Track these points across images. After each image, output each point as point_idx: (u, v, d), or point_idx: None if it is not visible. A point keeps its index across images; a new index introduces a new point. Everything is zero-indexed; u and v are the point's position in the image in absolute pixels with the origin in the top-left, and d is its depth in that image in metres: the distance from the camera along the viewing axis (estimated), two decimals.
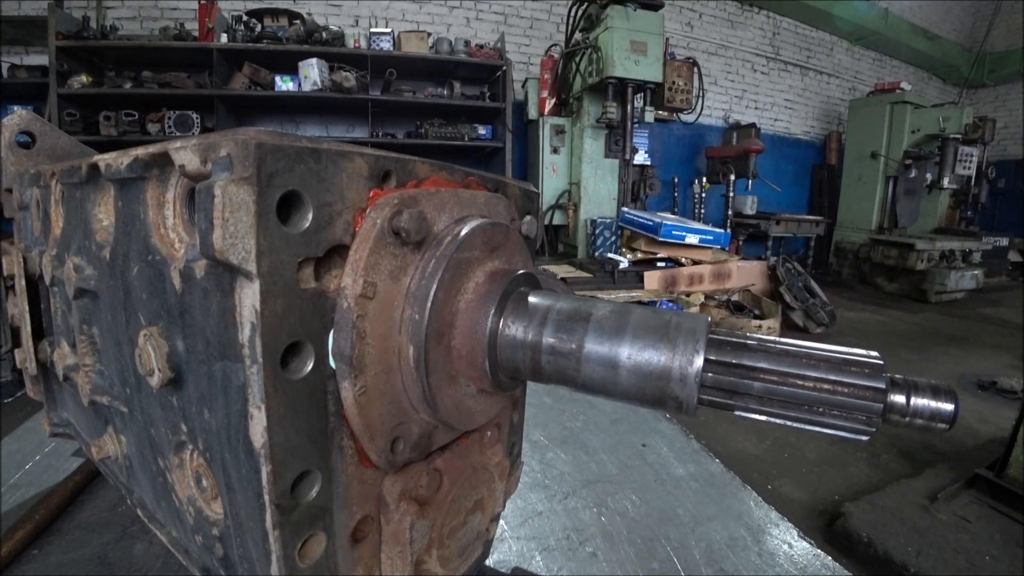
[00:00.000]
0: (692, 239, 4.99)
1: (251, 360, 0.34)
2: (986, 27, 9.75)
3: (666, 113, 6.49)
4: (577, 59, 5.60)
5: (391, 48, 5.50)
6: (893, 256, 6.81)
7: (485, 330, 0.44)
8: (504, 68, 5.75)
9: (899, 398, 0.36)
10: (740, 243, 7.00)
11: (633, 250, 5.19)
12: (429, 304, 0.42)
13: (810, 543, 0.98)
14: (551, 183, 5.99)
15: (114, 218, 0.49)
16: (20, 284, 0.69)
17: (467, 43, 5.87)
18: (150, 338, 0.41)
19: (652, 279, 4.68)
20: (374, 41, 5.47)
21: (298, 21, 5.30)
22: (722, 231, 5.33)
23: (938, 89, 10.31)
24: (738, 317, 4.43)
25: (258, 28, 5.17)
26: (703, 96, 6.26)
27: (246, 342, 0.34)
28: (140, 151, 0.42)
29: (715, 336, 0.40)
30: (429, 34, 5.81)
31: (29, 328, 0.70)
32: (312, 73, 5.08)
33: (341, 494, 0.42)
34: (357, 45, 5.43)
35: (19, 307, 0.71)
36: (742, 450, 2.82)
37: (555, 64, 6.03)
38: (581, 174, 5.80)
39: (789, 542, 0.98)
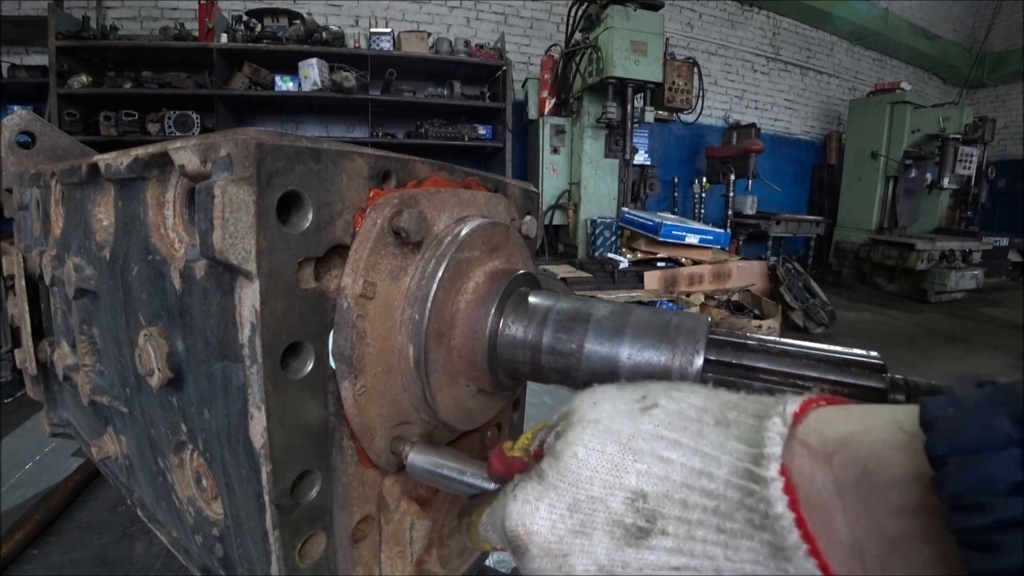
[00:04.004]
0: (692, 239, 4.98)
1: (251, 360, 0.34)
2: (986, 27, 9.74)
3: (666, 113, 6.48)
4: (577, 59, 5.60)
5: (391, 48, 5.50)
6: (893, 256, 6.80)
7: (485, 330, 0.44)
8: (504, 68, 5.75)
9: (899, 399, 0.36)
10: (740, 243, 6.99)
11: (633, 250, 5.19)
12: (429, 304, 0.42)
13: None
14: (551, 183, 5.98)
15: (114, 218, 0.49)
16: (20, 284, 0.69)
17: (467, 43, 5.86)
18: (150, 338, 0.41)
19: (652, 279, 4.68)
20: (374, 41, 5.47)
21: (298, 21, 5.30)
22: (722, 231, 5.33)
23: (938, 89, 10.30)
24: (738, 317, 4.43)
25: (258, 28, 5.16)
26: (703, 96, 6.25)
27: (246, 342, 0.34)
28: (140, 151, 0.42)
29: (715, 336, 0.40)
30: (429, 34, 5.81)
31: (29, 328, 0.70)
32: (312, 73, 5.08)
33: (341, 494, 0.42)
34: (357, 45, 5.43)
35: (19, 307, 0.71)
36: None
37: (555, 64, 6.03)
38: (581, 174, 5.79)
39: None
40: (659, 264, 4.92)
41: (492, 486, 0.40)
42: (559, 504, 0.28)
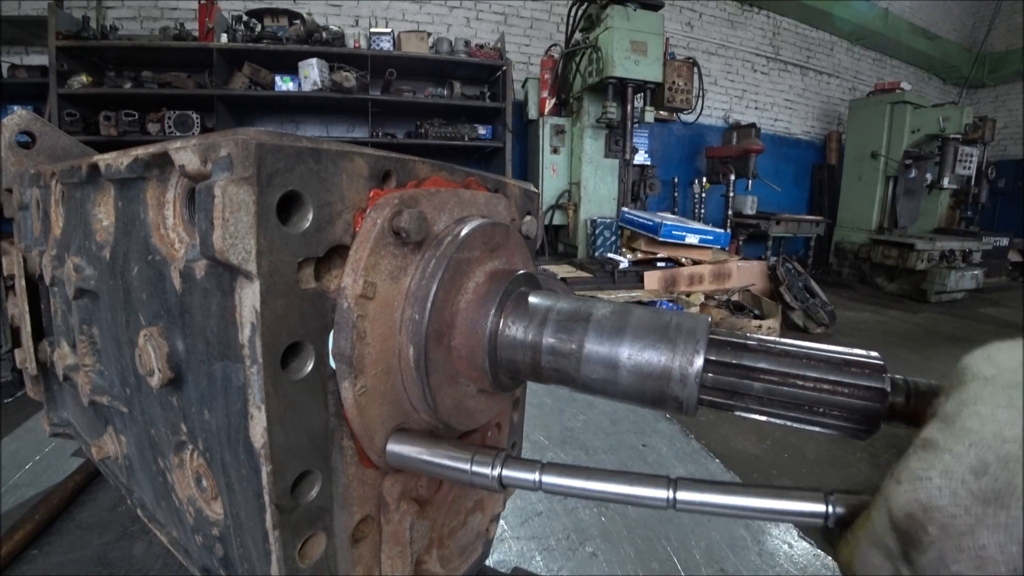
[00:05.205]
0: (692, 239, 4.99)
1: (251, 360, 0.34)
2: (986, 27, 9.74)
3: (666, 113, 6.49)
4: (577, 59, 5.60)
5: (391, 48, 5.51)
6: (893, 256, 6.80)
7: (485, 330, 0.44)
8: (504, 68, 5.76)
9: (899, 399, 0.36)
10: (740, 243, 7.00)
11: (633, 250, 5.19)
12: (429, 304, 0.42)
13: (810, 543, 0.98)
14: (551, 183, 5.99)
15: (114, 218, 0.49)
16: (20, 284, 0.69)
17: (467, 43, 5.87)
18: (150, 338, 0.41)
19: (652, 279, 4.68)
20: (374, 41, 5.48)
21: (298, 21, 5.31)
22: (722, 231, 5.33)
23: (938, 89, 10.30)
24: (738, 317, 4.43)
25: (258, 28, 5.17)
26: (703, 96, 6.25)
27: (246, 342, 0.34)
28: (140, 151, 0.42)
29: (715, 336, 0.40)
30: (429, 34, 5.81)
31: (29, 328, 0.70)
32: (312, 73, 5.08)
33: (341, 494, 0.42)
34: (357, 45, 5.44)
35: (19, 307, 0.71)
36: (742, 450, 2.82)
37: (555, 64, 6.03)
38: (581, 174, 5.80)
39: (789, 542, 0.98)
40: (659, 264, 4.92)
41: (468, 465, 0.41)
42: (957, 469, 0.24)
